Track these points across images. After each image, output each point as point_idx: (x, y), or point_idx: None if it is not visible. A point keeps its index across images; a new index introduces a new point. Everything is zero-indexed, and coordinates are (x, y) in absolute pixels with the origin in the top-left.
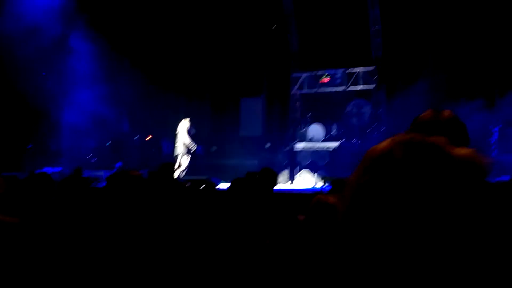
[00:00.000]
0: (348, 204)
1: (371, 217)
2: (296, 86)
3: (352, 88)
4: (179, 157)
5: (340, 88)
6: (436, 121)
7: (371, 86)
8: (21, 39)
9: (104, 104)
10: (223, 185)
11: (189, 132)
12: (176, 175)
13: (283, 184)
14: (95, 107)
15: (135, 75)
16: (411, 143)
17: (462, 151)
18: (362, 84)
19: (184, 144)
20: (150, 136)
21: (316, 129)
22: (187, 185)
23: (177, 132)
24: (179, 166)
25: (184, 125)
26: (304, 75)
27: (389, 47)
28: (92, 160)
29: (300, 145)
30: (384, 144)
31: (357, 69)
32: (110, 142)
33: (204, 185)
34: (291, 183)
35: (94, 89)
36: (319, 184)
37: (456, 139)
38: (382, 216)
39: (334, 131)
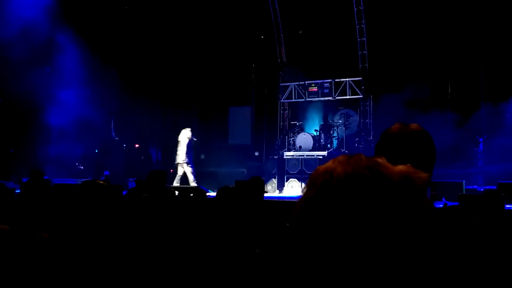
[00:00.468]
0: (295, 216)
1: (312, 230)
2: (285, 96)
3: (339, 97)
4: (179, 166)
5: (328, 98)
6: (402, 134)
7: (359, 96)
8: (7, 42)
9: (91, 112)
10: (211, 194)
11: (190, 142)
12: (175, 183)
13: (271, 192)
14: (82, 115)
15: (123, 83)
16: (348, 163)
17: (396, 169)
18: (350, 94)
19: (185, 153)
20: (138, 146)
21: (304, 138)
22: (176, 193)
23: (178, 140)
24: (181, 174)
25: (185, 135)
26: (292, 84)
27: (376, 58)
28: (79, 168)
29: (288, 154)
30: (327, 163)
31: (345, 80)
32: (97, 150)
33: (193, 194)
34: (280, 191)
35: (81, 97)
36: None
37: (422, 151)
38: (321, 230)
39: (322, 140)
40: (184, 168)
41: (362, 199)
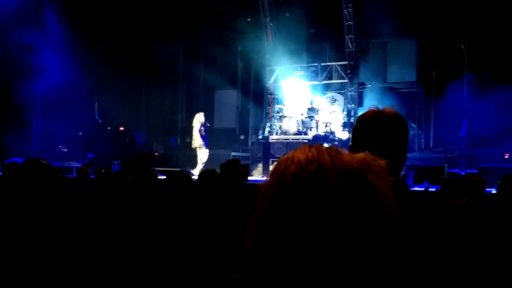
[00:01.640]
0: (257, 203)
1: (273, 216)
2: (271, 79)
3: (326, 81)
4: (197, 151)
5: (315, 81)
6: (377, 119)
7: (345, 81)
8: None
9: (74, 93)
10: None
11: (203, 126)
12: (197, 169)
13: (257, 176)
14: (65, 96)
15: (107, 65)
16: (309, 150)
17: (355, 157)
18: (336, 79)
19: (200, 137)
20: (122, 129)
21: (290, 122)
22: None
23: (192, 125)
24: (200, 159)
25: (197, 119)
26: (279, 68)
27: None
28: (63, 151)
29: (274, 137)
30: (289, 153)
31: (331, 64)
32: (81, 133)
33: (178, 177)
34: (265, 176)
35: (64, 77)
36: None
37: (396, 135)
38: (282, 216)
39: (307, 123)
40: (197, 152)
41: (322, 186)
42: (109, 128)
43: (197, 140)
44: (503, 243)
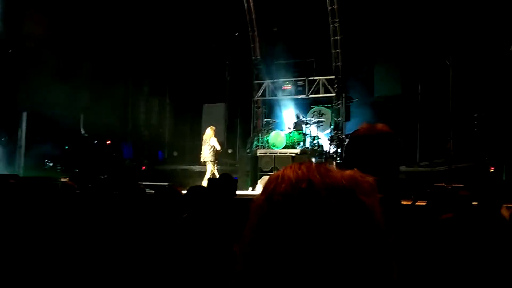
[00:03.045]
0: (249, 220)
1: (264, 233)
2: (259, 93)
3: (313, 96)
4: (207, 165)
5: (302, 96)
6: (369, 135)
7: (331, 95)
8: None
9: (60, 107)
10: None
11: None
12: (205, 182)
13: (244, 190)
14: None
15: (93, 78)
16: (299, 168)
17: (344, 174)
18: (323, 93)
19: (215, 150)
20: (109, 142)
21: (277, 136)
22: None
23: (203, 140)
24: (210, 173)
25: (209, 134)
26: (266, 82)
27: (349, 57)
28: (49, 165)
29: (261, 151)
30: (279, 171)
31: (318, 78)
32: (67, 147)
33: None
34: (253, 189)
35: (50, 91)
36: None
37: (388, 151)
38: (273, 233)
39: (295, 137)
40: (207, 166)
41: (312, 203)
42: (95, 141)
43: (204, 154)
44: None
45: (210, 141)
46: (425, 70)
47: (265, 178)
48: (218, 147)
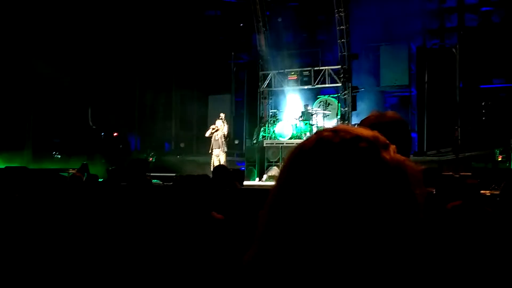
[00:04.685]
0: (270, 204)
1: (289, 220)
2: (264, 84)
3: (319, 86)
4: (215, 154)
5: (308, 86)
6: (379, 123)
7: (338, 85)
8: None
9: (69, 99)
10: None
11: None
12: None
13: (251, 181)
14: (59, 103)
15: (101, 70)
16: (339, 145)
17: (395, 156)
18: (329, 83)
19: (225, 139)
20: (116, 134)
21: (283, 126)
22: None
23: (213, 130)
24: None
25: (221, 123)
26: (272, 72)
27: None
28: (57, 157)
29: (268, 142)
30: (310, 140)
31: (324, 68)
32: (75, 138)
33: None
34: (260, 180)
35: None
36: None
37: (398, 139)
38: (301, 217)
39: (301, 128)
40: (216, 156)
41: (354, 185)
42: (102, 133)
43: (214, 145)
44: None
45: (224, 130)
46: (432, 59)
47: (273, 169)
48: (226, 133)
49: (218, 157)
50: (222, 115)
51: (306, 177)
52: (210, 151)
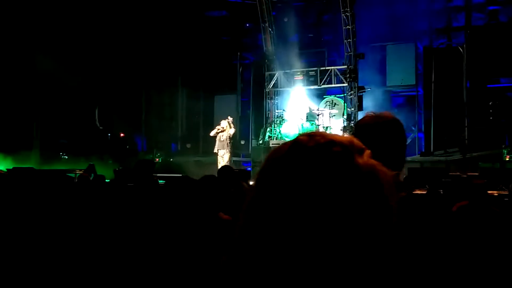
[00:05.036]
0: (245, 211)
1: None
2: (271, 84)
3: (325, 86)
4: (220, 155)
5: (314, 86)
6: (374, 123)
7: (344, 85)
8: None
9: (76, 100)
10: None
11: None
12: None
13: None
14: (65, 104)
15: (108, 71)
16: (313, 149)
17: (369, 161)
18: (335, 83)
19: (230, 141)
20: (123, 135)
21: (289, 126)
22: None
23: (218, 130)
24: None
25: (226, 124)
26: (278, 72)
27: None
28: (64, 158)
29: (274, 142)
30: (286, 144)
31: (330, 68)
32: (82, 139)
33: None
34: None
35: (66, 85)
36: None
37: (393, 139)
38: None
39: (307, 128)
40: (221, 157)
41: (323, 189)
42: (109, 134)
43: (217, 146)
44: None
45: (230, 131)
46: (439, 59)
47: None
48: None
49: (223, 157)
50: (230, 118)
51: (279, 181)
52: (215, 151)
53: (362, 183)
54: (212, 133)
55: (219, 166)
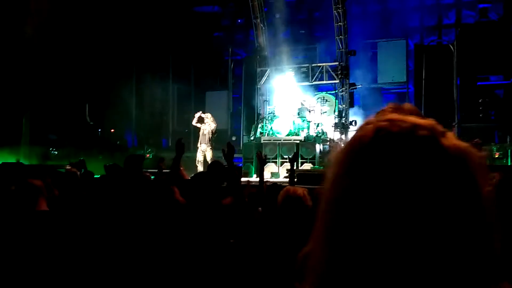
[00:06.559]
0: (328, 210)
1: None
2: (262, 80)
3: (316, 82)
4: (201, 150)
5: (305, 83)
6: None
7: (335, 81)
8: None
9: (66, 95)
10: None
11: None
12: (200, 168)
13: (248, 178)
14: (56, 99)
15: (98, 66)
16: (399, 135)
17: (456, 142)
18: (327, 79)
19: (212, 135)
20: (113, 130)
21: (281, 123)
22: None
23: (198, 124)
24: (203, 159)
25: (208, 119)
26: (270, 69)
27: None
28: (54, 153)
29: (265, 138)
30: (367, 131)
31: (322, 64)
32: (72, 135)
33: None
34: (257, 176)
35: (56, 80)
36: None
37: None
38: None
39: (299, 124)
40: (202, 151)
41: (418, 179)
42: (99, 130)
43: (203, 141)
44: None
45: (212, 126)
46: (430, 56)
47: (269, 165)
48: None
49: (204, 152)
50: (208, 114)
51: (373, 172)
52: (198, 145)
53: (453, 168)
54: (193, 122)
55: (197, 160)
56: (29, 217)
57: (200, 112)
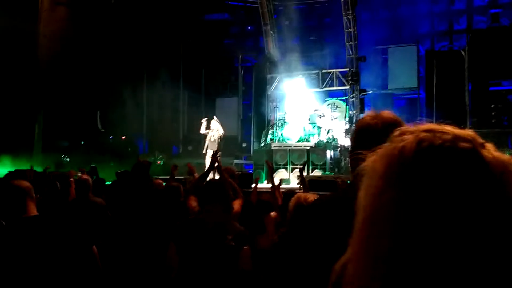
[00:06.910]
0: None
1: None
2: (272, 87)
3: (327, 88)
4: (209, 156)
5: (316, 89)
6: (374, 123)
7: (346, 87)
8: None
9: (77, 102)
10: None
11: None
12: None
13: (259, 184)
14: (67, 106)
15: (110, 73)
16: (441, 148)
17: (496, 155)
18: (337, 85)
19: (220, 141)
20: (124, 137)
21: (291, 129)
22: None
23: (207, 131)
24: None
25: (216, 124)
26: (280, 75)
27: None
28: (66, 160)
29: (276, 145)
30: (407, 145)
31: (332, 70)
32: (83, 142)
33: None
34: (268, 183)
35: (69, 87)
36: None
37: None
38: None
39: (309, 130)
40: (208, 157)
41: (463, 195)
42: (111, 137)
43: (210, 146)
44: None
45: (220, 132)
46: (441, 62)
47: (280, 172)
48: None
49: None
50: (215, 118)
51: (418, 185)
52: (204, 152)
53: (494, 182)
54: (201, 131)
55: (207, 166)
56: (16, 224)
57: (205, 119)
